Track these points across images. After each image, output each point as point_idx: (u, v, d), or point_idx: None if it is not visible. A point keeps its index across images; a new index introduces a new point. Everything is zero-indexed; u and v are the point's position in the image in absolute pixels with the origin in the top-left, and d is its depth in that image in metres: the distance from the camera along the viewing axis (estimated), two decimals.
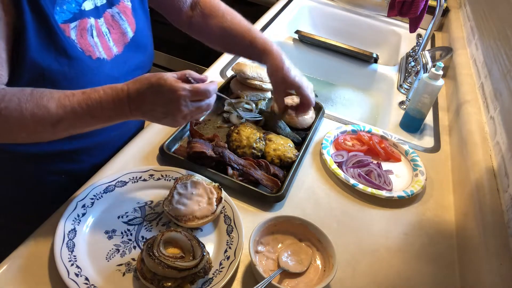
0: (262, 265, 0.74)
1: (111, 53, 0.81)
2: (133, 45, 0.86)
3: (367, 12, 1.85)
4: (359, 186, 0.94)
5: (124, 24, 0.84)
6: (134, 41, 0.86)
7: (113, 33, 0.82)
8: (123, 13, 0.84)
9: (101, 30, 0.79)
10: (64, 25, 0.71)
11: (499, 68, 1.09)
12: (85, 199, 0.77)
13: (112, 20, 0.82)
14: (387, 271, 0.81)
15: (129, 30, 0.86)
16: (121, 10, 0.84)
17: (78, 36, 0.74)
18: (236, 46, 1.00)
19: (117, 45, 0.83)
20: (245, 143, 0.96)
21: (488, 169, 0.91)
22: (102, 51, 0.79)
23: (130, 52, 0.85)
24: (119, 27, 0.83)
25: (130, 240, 0.75)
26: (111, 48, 0.81)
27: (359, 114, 1.43)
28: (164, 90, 0.68)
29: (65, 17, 0.72)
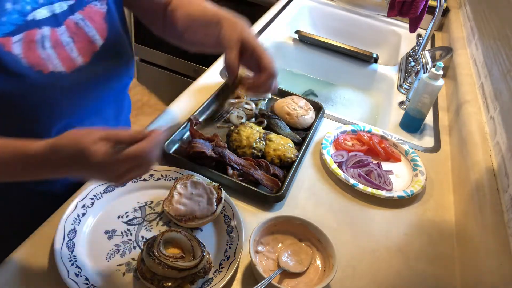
0: (262, 265, 0.74)
1: (73, 64, 0.74)
2: (104, 53, 0.79)
3: (367, 12, 1.85)
4: (359, 186, 0.94)
5: (91, 31, 0.77)
6: (105, 49, 0.79)
7: (78, 41, 0.75)
8: (89, 19, 0.77)
9: (60, 40, 0.72)
10: (4, 38, 0.64)
11: (499, 68, 1.09)
12: (85, 199, 0.77)
13: (76, 27, 0.75)
14: (387, 271, 0.81)
15: (97, 38, 0.78)
16: (86, 16, 0.76)
17: (25, 49, 0.67)
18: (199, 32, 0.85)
19: (83, 54, 0.76)
20: (245, 143, 0.96)
21: (488, 169, 0.91)
22: (58, 64, 0.71)
23: (101, 61, 0.79)
24: (85, 35, 0.76)
25: (130, 240, 0.75)
26: (74, 58, 0.74)
27: (359, 114, 1.43)
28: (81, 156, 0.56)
29: (6, 30, 0.64)
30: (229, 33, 0.77)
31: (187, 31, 0.89)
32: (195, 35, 0.88)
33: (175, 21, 0.89)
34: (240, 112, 1.09)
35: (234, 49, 0.76)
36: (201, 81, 1.22)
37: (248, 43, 0.77)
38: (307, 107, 1.13)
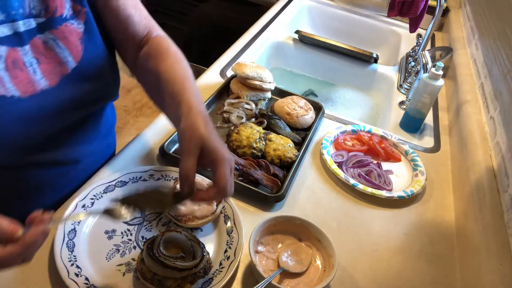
0: (262, 265, 0.74)
1: (33, 88, 0.67)
2: (75, 76, 0.72)
3: (367, 12, 1.85)
4: (359, 186, 0.94)
5: (62, 52, 0.70)
6: (77, 72, 0.72)
7: (44, 63, 0.69)
8: (62, 39, 0.70)
9: (22, 60, 0.66)
10: None
11: (499, 68, 1.09)
12: (85, 199, 0.77)
13: (45, 48, 0.69)
14: (387, 271, 0.81)
15: (70, 60, 0.71)
16: (59, 35, 0.69)
17: None
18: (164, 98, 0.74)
19: (48, 77, 0.69)
20: (245, 143, 0.96)
21: (488, 169, 0.91)
22: (11, 87, 0.64)
23: (71, 84, 0.72)
24: (54, 56, 0.70)
25: (130, 240, 0.75)
26: (37, 81, 0.67)
27: (359, 114, 1.43)
28: None
29: None
30: (189, 135, 0.65)
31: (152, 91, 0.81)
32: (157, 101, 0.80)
33: (146, 70, 0.80)
34: (240, 112, 1.09)
35: (192, 157, 0.64)
36: (201, 81, 1.22)
37: (208, 151, 0.65)
38: (307, 107, 1.13)
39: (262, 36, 1.53)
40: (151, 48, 0.80)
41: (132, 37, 0.81)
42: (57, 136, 0.75)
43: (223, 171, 0.64)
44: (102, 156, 0.91)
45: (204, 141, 0.64)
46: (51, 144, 0.75)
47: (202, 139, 0.64)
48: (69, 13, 0.71)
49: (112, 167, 0.88)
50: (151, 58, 0.78)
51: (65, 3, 0.70)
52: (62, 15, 0.70)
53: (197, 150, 0.64)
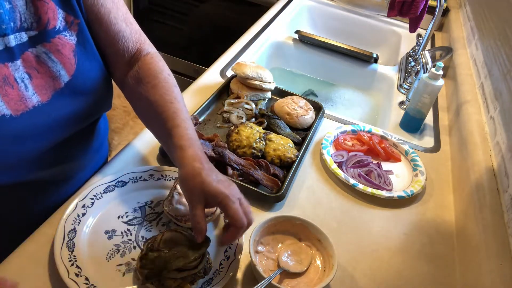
0: (262, 265, 0.74)
1: (24, 105, 0.64)
2: (69, 91, 0.70)
3: (367, 12, 1.85)
4: (359, 186, 0.94)
5: (55, 66, 0.68)
6: (70, 86, 0.70)
7: (37, 78, 0.66)
8: (55, 53, 0.67)
9: (13, 76, 0.63)
10: None
11: (499, 68, 1.09)
12: (85, 199, 0.77)
13: (37, 62, 0.66)
14: (387, 271, 0.81)
15: (63, 73, 0.69)
16: (52, 49, 0.67)
17: None
18: (155, 128, 0.78)
19: (41, 92, 0.67)
20: (245, 143, 0.96)
21: (488, 169, 0.91)
22: (2, 106, 0.62)
23: (64, 99, 0.70)
24: (47, 70, 0.67)
25: (130, 240, 0.75)
26: (28, 98, 0.65)
27: (359, 114, 1.43)
28: None
29: None
30: (190, 186, 0.65)
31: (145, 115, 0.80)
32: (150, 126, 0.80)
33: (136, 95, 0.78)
34: (240, 112, 1.09)
35: (199, 207, 0.65)
36: (201, 81, 1.22)
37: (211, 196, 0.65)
38: (307, 107, 1.13)
39: (262, 36, 1.53)
40: (142, 71, 0.77)
41: (122, 53, 0.78)
42: (50, 154, 0.73)
43: (232, 209, 0.64)
44: (93, 169, 0.89)
45: (204, 188, 0.65)
46: (43, 162, 0.73)
47: (202, 187, 0.65)
48: (62, 25, 0.68)
49: (112, 167, 0.88)
50: (142, 83, 0.76)
51: (57, 15, 0.67)
52: (55, 27, 0.67)
53: (201, 199, 0.65)
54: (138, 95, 0.77)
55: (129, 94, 0.80)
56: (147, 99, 0.74)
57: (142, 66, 0.78)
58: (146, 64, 0.78)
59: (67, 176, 0.82)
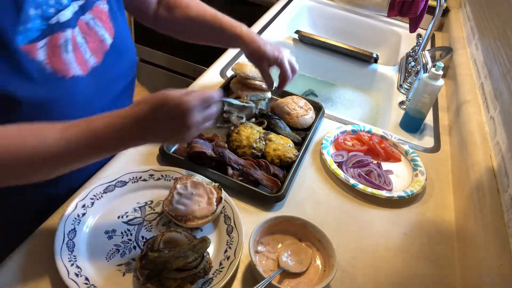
0: (262, 265, 0.74)
1: (87, 66, 0.73)
2: (114, 52, 0.79)
3: (367, 12, 1.85)
4: (359, 186, 0.94)
5: (101, 30, 0.77)
6: (114, 47, 0.79)
7: (90, 42, 0.74)
8: (99, 19, 0.76)
9: (76, 41, 0.71)
10: (30, 45, 0.63)
11: (499, 68, 1.09)
12: (85, 199, 0.77)
13: (88, 27, 0.74)
14: (387, 271, 0.81)
15: (107, 37, 0.78)
16: (95, 15, 0.76)
17: (49, 55, 0.65)
18: (207, 34, 0.99)
19: (95, 55, 0.75)
20: (245, 143, 0.96)
21: (488, 169, 0.91)
22: (77, 67, 0.70)
23: (111, 59, 0.79)
24: (95, 35, 0.75)
25: (130, 240, 0.75)
26: (87, 60, 0.73)
27: (359, 114, 1.43)
28: (171, 106, 0.62)
29: (31, 36, 0.63)
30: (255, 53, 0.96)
31: (190, 32, 1.00)
32: (201, 37, 1.01)
33: (174, 20, 0.98)
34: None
35: (265, 65, 0.97)
36: (201, 81, 1.22)
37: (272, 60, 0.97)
38: (307, 107, 1.13)
39: (262, 36, 1.53)
40: (169, 1, 0.98)
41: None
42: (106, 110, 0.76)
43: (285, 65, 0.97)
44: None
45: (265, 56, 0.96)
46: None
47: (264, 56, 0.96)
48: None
49: (112, 167, 0.88)
50: (176, 7, 0.98)
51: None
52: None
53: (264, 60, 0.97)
54: (176, 19, 0.98)
55: (165, 23, 1.00)
56: (187, 16, 0.97)
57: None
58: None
59: None
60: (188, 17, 0.97)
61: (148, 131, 0.63)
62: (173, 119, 0.63)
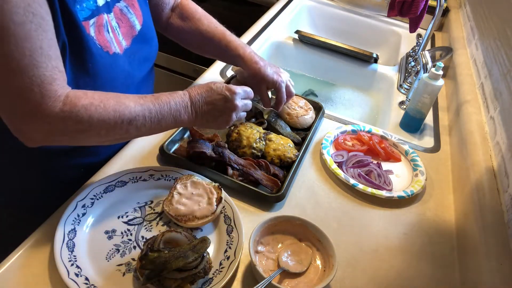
0: (262, 265, 0.74)
1: (121, 47, 0.82)
2: (140, 37, 0.88)
3: (367, 12, 1.85)
4: (359, 186, 0.94)
5: (132, 17, 0.85)
6: (141, 33, 0.88)
7: (122, 26, 0.83)
8: (131, 6, 0.86)
9: (112, 24, 0.80)
10: (85, 22, 0.72)
11: (499, 68, 1.09)
12: (85, 199, 0.77)
13: (121, 14, 0.83)
14: (387, 271, 0.81)
15: (136, 23, 0.87)
16: (129, 3, 0.85)
17: (97, 32, 0.75)
18: (213, 49, 1.04)
19: (125, 38, 0.84)
20: (245, 143, 0.96)
21: (488, 169, 0.91)
22: (116, 46, 0.80)
23: (138, 44, 0.87)
24: (127, 21, 0.84)
25: (130, 240, 0.75)
26: (121, 42, 0.82)
27: (359, 114, 1.43)
28: (222, 91, 0.81)
29: (85, 15, 0.72)
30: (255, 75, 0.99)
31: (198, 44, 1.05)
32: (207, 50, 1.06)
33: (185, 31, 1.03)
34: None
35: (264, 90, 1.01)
36: (201, 81, 1.22)
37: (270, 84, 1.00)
38: (307, 107, 1.13)
39: (262, 36, 1.53)
40: (184, 10, 1.03)
41: (168, 2, 1.02)
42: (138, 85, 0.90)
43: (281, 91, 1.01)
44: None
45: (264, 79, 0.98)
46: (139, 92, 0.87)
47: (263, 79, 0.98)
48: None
49: (112, 167, 0.88)
50: (188, 19, 1.03)
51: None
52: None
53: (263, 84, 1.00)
54: (187, 29, 1.03)
55: (176, 32, 1.05)
56: (197, 29, 1.02)
57: (183, 7, 1.04)
58: (185, 5, 1.04)
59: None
60: (198, 31, 1.02)
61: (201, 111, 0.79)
62: (223, 100, 0.80)
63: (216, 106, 0.80)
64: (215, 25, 1.03)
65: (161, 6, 1.02)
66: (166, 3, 1.02)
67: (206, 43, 1.02)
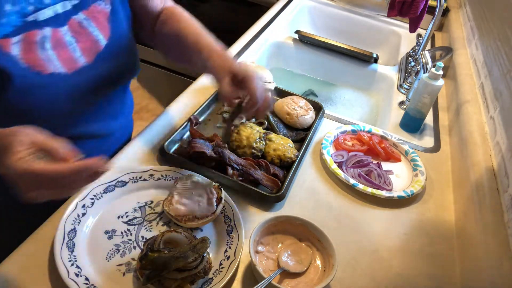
0: (262, 265, 0.74)
1: (74, 65, 0.74)
2: (108, 53, 0.80)
3: (367, 12, 1.85)
4: (359, 186, 0.94)
5: (94, 31, 0.77)
6: (108, 49, 0.80)
7: (81, 41, 0.75)
8: (93, 19, 0.77)
9: (63, 40, 0.73)
10: (3, 40, 0.65)
11: (499, 68, 1.09)
12: (85, 199, 0.77)
13: (80, 27, 0.75)
14: (387, 271, 0.81)
15: (101, 38, 0.79)
16: (90, 15, 0.77)
17: (23, 50, 0.67)
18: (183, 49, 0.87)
19: (86, 55, 0.76)
20: (245, 143, 0.96)
21: (488, 169, 0.91)
22: (58, 64, 0.72)
23: (104, 61, 0.79)
24: (89, 35, 0.77)
25: (130, 240, 0.75)
26: (77, 59, 0.75)
27: (359, 114, 1.43)
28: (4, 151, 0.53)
29: (5, 31, 0.65)
30: (220, 63, 0.79)
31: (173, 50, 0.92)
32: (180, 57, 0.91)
33: (163, 35, 0.91)
34: None
35: (225, 78, 0.77)
36: (201, 81, 1.22)
37: (237, 73, 0.78)
38: (307, 107, 1.13)
39: (262, 36, 1.53)
40: (166, 15, 0.91)
41: (151, 11, 0.92)
42: (95, 110, 0.84)
43: (253, 85, 0.76)
44: (126, 132, 1.02)
45: (232, 67, 0.78)
46: (90, 118, 0.84)
47: (230, 67, 0.78)
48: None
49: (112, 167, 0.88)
50: (167, 22, 0.90)
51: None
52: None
53: (228, 74, 0.77)
54: (165, 34, 0.90)
55: (158, 40, 0.93)
56: (174, 31, 0.88)
57: (166, 12, 0.92)
58: (170, 9, 0.93)
59: (109, 132, 0.92)
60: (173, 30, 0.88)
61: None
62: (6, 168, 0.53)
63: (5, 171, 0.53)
64: (195, 26, 0.88)
65: (146, 15, 0.92)
66: (150, 11, 0.92)
67: (180, 43, 0.86)
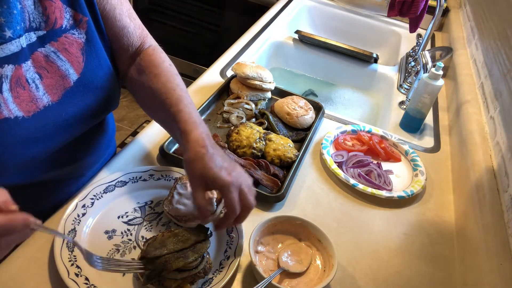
0: (262, 265, 0.74)
1: (35, 106, 0.65)
2: (78, 89, 0.70)
3: (367, 12, 1.85)
4: (359, 186, 0.94)
5: (64, 65, 0.68)
6: (80, 84, 0.71)
7: (47, 77, 0.66)
8: (63, 51, 0.68)
9: (24, 77, 0.63)
10: None
11: (499, 68, 1.09)
12: (85, 199, 0.77)
13: (46, 61, 0.66)
14: (387, 271, 0.81)
15: (71, 72, 0.69)
16: (59, 48, 0.68)
17: None
18: (161, 116, 0.78)
19: (51, 92, 0.67)
20: (245, 143, 0.96)
21: (488, 169, 0.91)
22: (14, 108, 0.62)
23: (74, 98, 0.70)
24: (56, 70, 0.67)
25: (130, 240, 0.75)
26: (39, 98, 0.65)
27: (359, 114, 1.43)
28: None
29: None
30: (191, 169, 0.68)
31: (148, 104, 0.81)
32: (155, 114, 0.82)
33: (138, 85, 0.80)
34: (240, 112, 1.09)
35: (200, 191, 0.68)
36: (201, 81, 1.22)
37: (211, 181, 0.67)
38: (307, 107, 1.13)
39: (262, 36, 1.53)
40: (144, 62, 0.79)
41: (126, 48, 0.80)
42: (61, 153, 0.74)
43: (228, 197, 0.66)
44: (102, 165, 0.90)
45: (205, 173, 0.66)
46: (55, 162, 0.74)
47: (203, 172, 0.66)
48: (69, 23, 0.69)
49: (112, 167, 0.88)
50: (145, 73, 0.78)
51: (64, 14, 0.68)
52: (62, 26, 0.68)
53: (202, 182, 0.68)
54: (141, 85, 0.79)
55: (131, 85, 0.82)
56: (150, 87, 0.76)
57: (144, 58, 0.80)
58: (148, 56, 0.80)
59: (78, 174, 0.83)
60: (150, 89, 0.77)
61: None
62: None
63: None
64: (174, 86, 0.76)
65: (120, 50, 0.80)
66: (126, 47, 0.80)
67: (156, 106, 0.76)
